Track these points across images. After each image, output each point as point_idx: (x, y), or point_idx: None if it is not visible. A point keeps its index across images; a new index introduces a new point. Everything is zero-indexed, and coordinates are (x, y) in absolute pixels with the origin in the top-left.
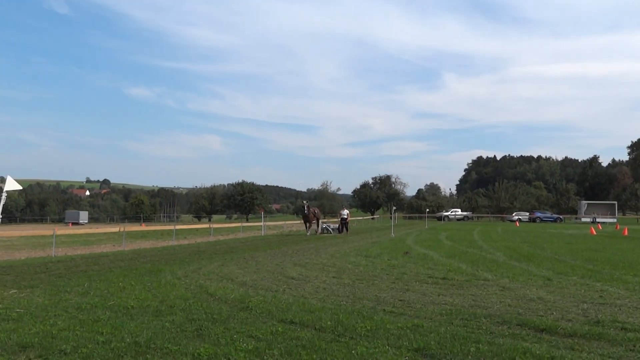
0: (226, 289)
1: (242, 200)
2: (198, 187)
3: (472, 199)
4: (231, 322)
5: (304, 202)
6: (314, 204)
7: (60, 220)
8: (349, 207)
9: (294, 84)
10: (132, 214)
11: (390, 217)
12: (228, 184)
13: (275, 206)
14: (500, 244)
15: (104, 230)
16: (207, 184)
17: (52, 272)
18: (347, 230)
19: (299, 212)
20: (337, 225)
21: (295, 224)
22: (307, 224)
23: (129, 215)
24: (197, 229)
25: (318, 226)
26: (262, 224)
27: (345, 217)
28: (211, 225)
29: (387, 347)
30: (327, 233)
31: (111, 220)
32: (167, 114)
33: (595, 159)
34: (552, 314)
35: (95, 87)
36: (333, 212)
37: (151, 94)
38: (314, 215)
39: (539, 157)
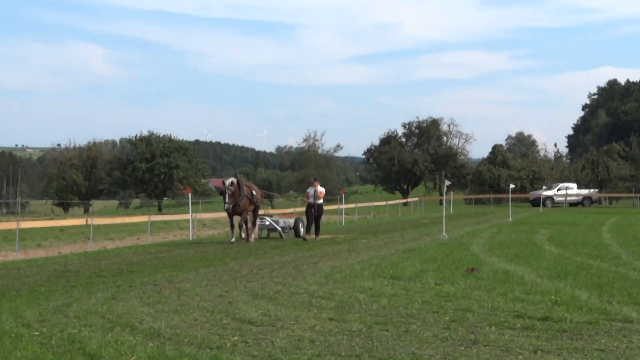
0: (121, 346)
1: (149, 171)
2: (63, 146)
3: (599, 163)
4: None
5: (232, 178)
6: (274, 178)
7: None
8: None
9: None
10: None
11: (441, 202)
12: (122, 140)
13: (213, 182)
14: None
15: None
16: (82, 140)
17: None
18: (318, 230)
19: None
20: (296, 219)
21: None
22: (233, 220)
23: None
24: (62, 229)
25: (255, 224)
26: (189, 216)
27: (318, 201)
28: (90, 221)
29: None
30: (280, 236)
31: None
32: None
33: None
34: None
35: None
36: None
37: None
38: (251, 202)
39: None
